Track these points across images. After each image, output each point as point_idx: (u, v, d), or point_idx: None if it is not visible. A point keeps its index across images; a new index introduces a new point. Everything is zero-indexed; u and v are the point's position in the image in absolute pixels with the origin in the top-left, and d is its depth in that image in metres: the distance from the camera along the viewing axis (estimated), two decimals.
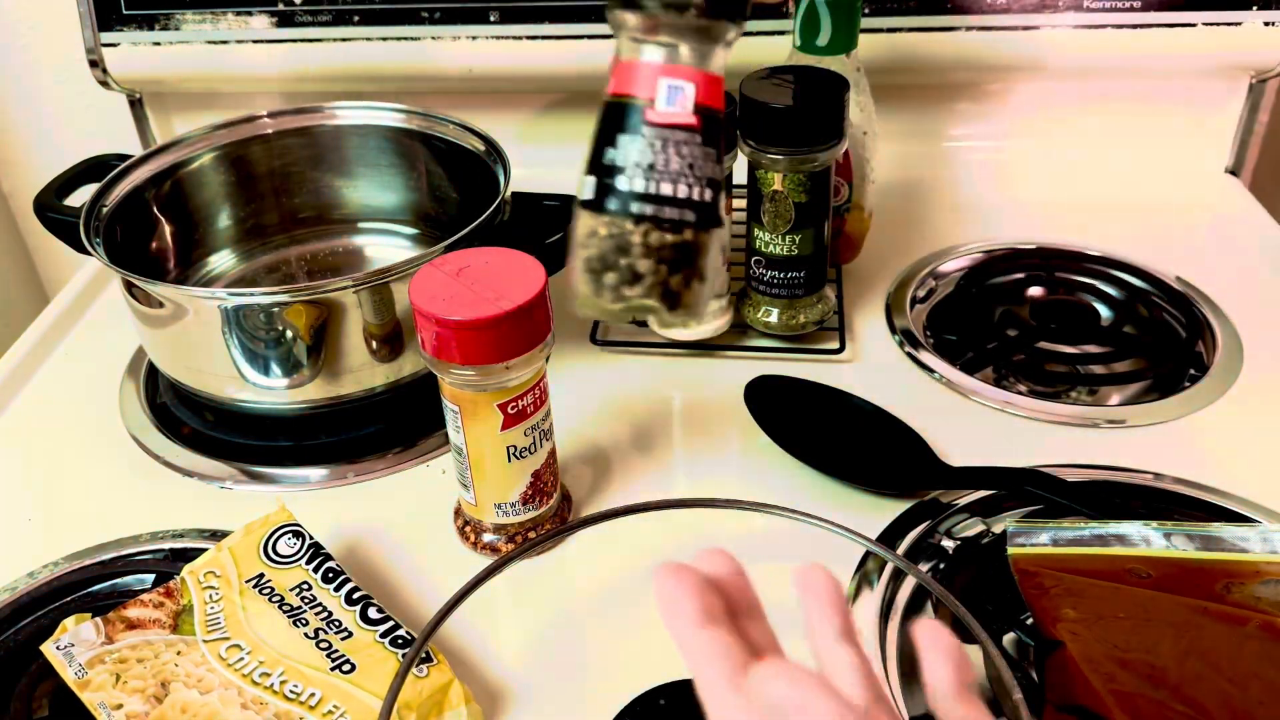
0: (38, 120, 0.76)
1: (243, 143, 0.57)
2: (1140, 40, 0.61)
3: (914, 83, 0.65)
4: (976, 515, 0.42)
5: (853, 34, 0.52)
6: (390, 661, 0.35)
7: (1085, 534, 0.39)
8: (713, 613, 0.24)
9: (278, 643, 0.36)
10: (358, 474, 0.47)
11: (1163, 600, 0.36)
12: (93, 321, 0.60)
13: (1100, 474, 0.44)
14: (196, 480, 0.47)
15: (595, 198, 0.28)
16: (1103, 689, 0.33)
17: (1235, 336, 0.53)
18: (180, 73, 0.67)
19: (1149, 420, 0.48)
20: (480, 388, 0.37)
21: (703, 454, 0.47)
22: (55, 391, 0.54)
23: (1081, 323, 0.56)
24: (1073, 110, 0.67)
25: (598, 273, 0.28)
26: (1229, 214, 0.64)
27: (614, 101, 0.28)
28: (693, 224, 0.27)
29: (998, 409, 0.49)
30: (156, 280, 0.46)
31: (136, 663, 0.35)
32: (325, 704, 0.34)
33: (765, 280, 0.51)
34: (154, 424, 0.51)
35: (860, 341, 0.54)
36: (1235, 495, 0.43)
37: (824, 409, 0.47)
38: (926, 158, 0.68)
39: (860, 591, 0.39)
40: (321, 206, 0.61)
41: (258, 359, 0.46)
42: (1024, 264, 0.60)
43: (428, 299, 0.36)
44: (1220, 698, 0.33)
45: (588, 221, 0.28)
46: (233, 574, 0.38)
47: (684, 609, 0.24)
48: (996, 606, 0.38)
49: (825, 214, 0.50)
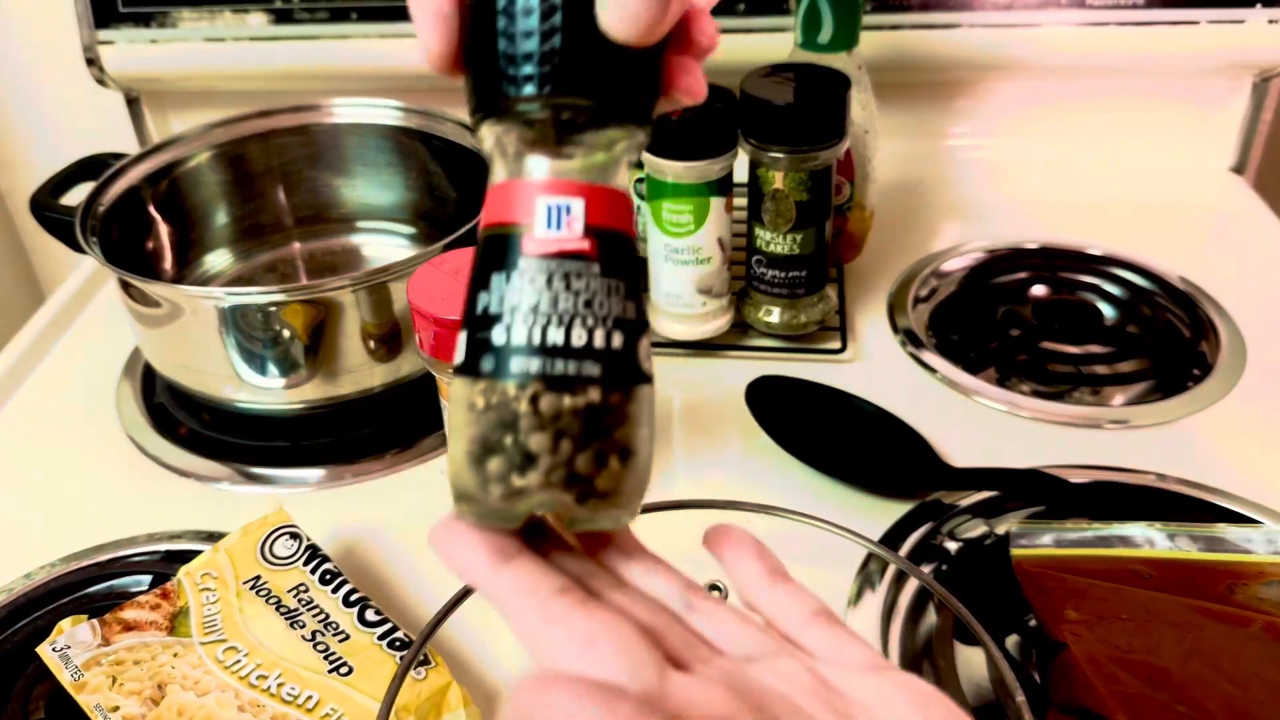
0: (34, 119, 0.75)
1: (240, 141, 0.57)
2: (1143, 38, 0.61)
3: (916, 80, 0.65)
4: (979, 516, 0.42)
5: (854, 31, 0.51)
6: (388, 664, 0.35)
7: (1088, 535, 0.39)
8: (506, 550, 0.21)
9: (275, 645, 0.36)
10: (356, 475, 0.47)
11: (1165, 601, 0.36)
12: (89, 321, 0.60)
13: (1104, 475, 0.44)
14: (193, 481, 0.47)
15: (466, 359, 0.21)
16: (1105, 690, 0.33)
17: (1239, 336, 0.53)
18: (177, 71, 0.66)
19: (1152, 420, 0.47)
20: None
21: (703, 455, 0.47)
22: (51, 392, 0.54)
23: (1085, 322, 0.55)
24: (1076, 109, 0.67)
25: (479, 459, 0.20)
26: (1232, 213, 0.64)
27: (486, 234, 0.21)
28: (597, 380, 0.20)
29: (1000, 409, 0.48)
30: (153, 279, 0.46)
31: (133, 665, 0.35)
32: (323, 707, 0.33)
33: (766, 279, 0.51)
34: (151, 424, 0.51)
35: (862, 341, 0.53)
36: (1239, 496, 0.42)
37: (825, 409, 0.47)
38: (928, 156, 0.68)
39: (862, 593, 0.39)
40: (319, 205, 0.61)
41: (255, 359, 0.45)
42: (1027, 263, 0.59)
43: (426, 298, 0.36)
44: (1223, 699, 0.32)
45: (461, 392, 0.21)
46: (230, 576, 0.38)
47: (473, 556, 0.21)
48: (999, 608, 0.38)
49: (827, 213, 0.50)
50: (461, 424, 0.21)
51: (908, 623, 0.38)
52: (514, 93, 0.20)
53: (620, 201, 0.21)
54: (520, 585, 0.21)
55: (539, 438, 0.20)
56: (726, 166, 0.48)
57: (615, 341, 0.20)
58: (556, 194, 0.20)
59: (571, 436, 0.20)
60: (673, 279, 0.50)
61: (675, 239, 0.49)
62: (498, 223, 0.21)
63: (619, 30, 0.19)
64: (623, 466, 0.21)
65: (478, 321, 0.21)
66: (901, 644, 0.37)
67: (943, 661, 0.36)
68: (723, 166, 0.48)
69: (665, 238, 0.49)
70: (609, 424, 0.20)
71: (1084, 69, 0.64)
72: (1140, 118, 0.66)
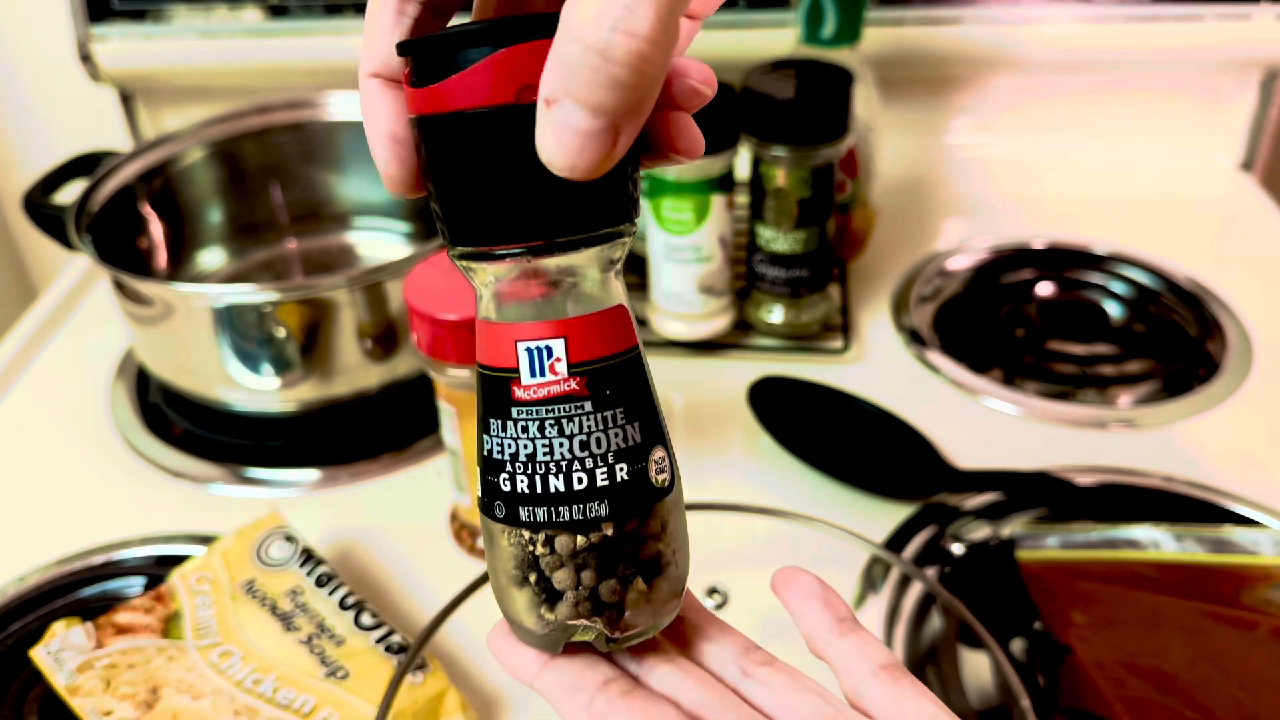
0: (27, 115, 0.75)
1: (234, 138, 0.57)
2: (1149, 34, 0.61)
3: (920, 76, 0.64)
4: (984, 519, 0.42)
5: (858, 26, 0.51)
6: (384, 668, 0.34)
7: (1094, 538, 0.38)
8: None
9: (270, 648, 0.35)
10: (351, 476, 0.46)
11: (1172, 605, 0.36)
12: (82, 320, 0.59)
13: (1110, 476, 0.44)
14: (187, 483, 0.47)
15: (483, 499, 0.21)
16: (1112, 695, 0.33)
17: (1246, 335, 0.52)
18: (171, 67, 0.66)
19: (1159, 421, 0.47)
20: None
21: (705, 456, 0.47)
22: (43, 392, 0.54)
23: (1090, 322, 0.55)
24: (1080, 105, 0.66)
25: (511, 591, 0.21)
26: (1240, 210, 0.64)
27: (480, 373, 0.21)
28: (606, 518, 0.20)
29: (1006, 410, 0.48)
30: (146, 278, 0.45)
31: (127, 668, 0.35)
32: (318, 711, 0.33)
33: (768, 278, 0.51)
34: (144, 425, 0.50)
35: (865, 341, 0.53)
36: (1246, 498, 0.42)
37: (828, 410, 0.47)
38: (932, 153, 0.67)
39: (865, 597, 0.39)
40: (314, 203, 0.60)
41: (249, 358, 0.45)
42: (1032, 262, 0.59)
43: (423, 298, 0.35)
44: (1230, 703, 0.32)
45: (485, 527, 0.21)
46: (224, 578, 0.38)
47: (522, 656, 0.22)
48: (1005, 612, 0.37)
49: (829, 210, 0.49)
50: (490, 558, 0.22)
51: (912, 627, 0.37)
52: (473, 239, 0.19)
53: (609, 323, 0.20)
54: (566, 684, 0.21)
55: (560, 574, 0.21)
56: (728, 164, 0.48)
57: (620, 474, 0.20)
58: (535, 338, 0.20)
59: (592, 569, 0.20)
60: (673, 278, 0.50)
61: (676, 237, 0.49)
62: (486, 364, 0.21)
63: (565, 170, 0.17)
64: (651, 582, 0.21)
65: (486, 464, 0.21)
66: (906, 648, 0.37)
67: (948, 666, 0.36)
68: (724, 164, 0.47)
69: (666, 235, 0.49)
70: (627, 552, 0.21)
71: (1089, 65, 0.64)
72: (1146, 114, 0.66)
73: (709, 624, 0.23)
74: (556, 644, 0.21)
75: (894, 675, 0.22)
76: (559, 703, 0.21)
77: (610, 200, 0.19)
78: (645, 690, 0.21)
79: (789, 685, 0.22)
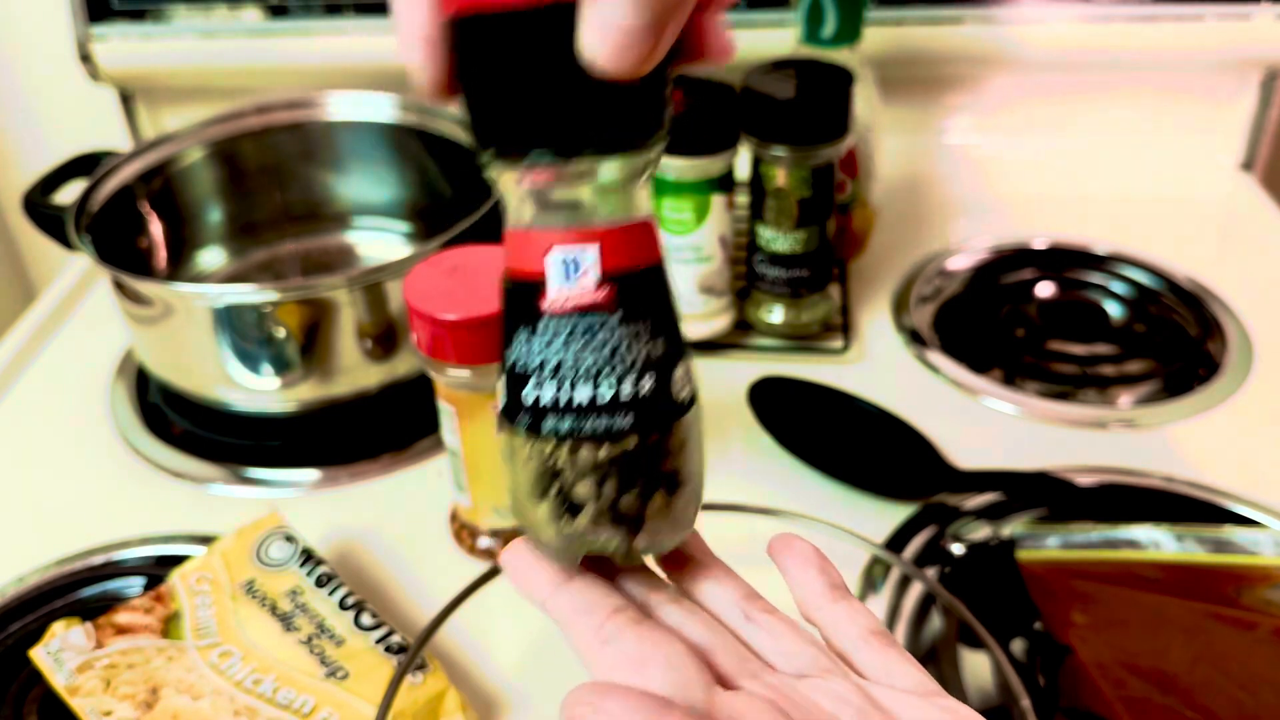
0: (26, 115, 0.75)
1: (234, 138, 0.57)
2: (1149, 33, 0.61)
3: (920, 76, 0.64)
4: (984, 519, 0.42)
5: (858, 25, 0.51)
6: (384, 668, 0.34)
7: (1095, 538, 0.38)
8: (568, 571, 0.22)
9: (270, 649, 0.35)
10: (351, 476, 0.46)
11: (1173, 605, 0.36)
12: (81, 320, 0.59)
13: (1110, 477, 0.43)
14: (187, 483, 0.47)
15: (505, 410, 0.21)
16: (1112, 695, 0.33)
17: (1246, 335, 0.52)
18: (171, 66, 0.66)
19: (1159, 421, 0.47)
20: (476, 388, 0.37)
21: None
22: (43, 392, 0.54)
23: (1091, 322, 0.55)
24: (1081, 105, 0.66)
25: (529, 504, 0.21)
26: (1240, 210, 0.64)
27: (507, 284, 0.21)
28: (630, 429, 0.20)
29: (1006, 410, 0.48)
30: (146, 277, 0.45)
31: (127, 668, 0.35)
32: (318, 712, 0.33)
33: (768, 278, 0.51)
34: (144, 425, 0.50)
35: (865, 341, 0.53)
36: (1246, 498, 0.42)
37: (829, 410, 0.47)
38: (933, 152, 0.67)
39: (865, 597, 0.39)
40: (314, 202, 0.60)
41: (249, 359, 0.45)
42: (1032, 262, 0.59)
43: (423, 297, 0.35)
44: (1231, 703, 0.32)
45: (505, 440, 0.22)
46: (224, 579, 0.38)
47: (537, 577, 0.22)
48: (1005, 612, 0.37)
49: (830, 210, 0.49)
50: (510, 470, 0.22)
51: (912, 627, 0.37)
52: (507, 143, 0.19)
53: (637, 234, 0.20)
54: (578, 606, 0.21)
55: (581, 486, 0.20)
56: (728, 164, 0.48)
57: (645, 387, 0.20)
58: (567, 245, 0.20)
59: (614, 481, 0.20)
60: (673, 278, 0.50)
61: (676, 236, 0.49)
62: (515, 272, 0.21)
63: (608, 66, 0.17)
64: (670, 496, 0.21)
65: (510, 376, 0.21)
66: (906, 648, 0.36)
67: (948, 666, 0.36)
68: (724, 163, 0.47)
69: (666, 235, 0.49)
70: (649, 464, 0.21)
71: (1090, 64, 0.64)
72: (1146, 114, 0.66)
73: (713, 565, 0.24)
74: (575, 556, 0.21)
75: (883, 642, 0.22)
76: (571, 623, 0.21)
77: (646, 107, 0.19)
78: (655, 622, 0.21)
79: (789, 634, 0.22)
